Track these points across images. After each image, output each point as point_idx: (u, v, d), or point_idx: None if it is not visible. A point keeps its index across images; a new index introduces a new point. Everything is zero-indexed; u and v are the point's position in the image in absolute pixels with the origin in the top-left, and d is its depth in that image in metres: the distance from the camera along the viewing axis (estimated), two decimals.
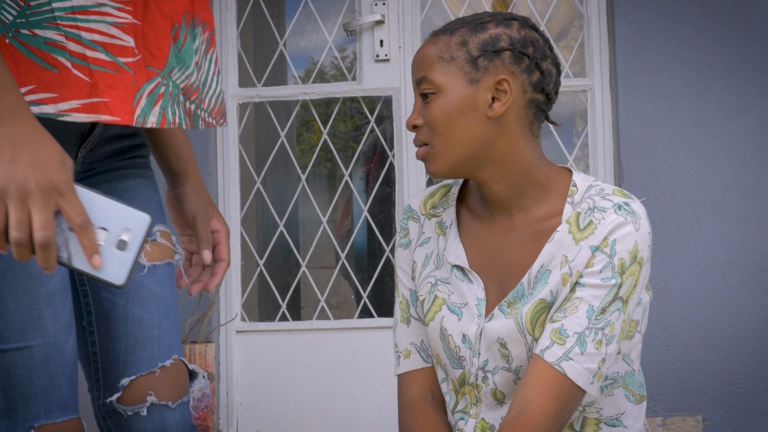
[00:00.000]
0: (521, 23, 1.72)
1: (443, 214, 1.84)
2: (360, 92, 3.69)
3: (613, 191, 1.70)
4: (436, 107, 1.69)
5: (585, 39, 3.65)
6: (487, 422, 1.75)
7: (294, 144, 4.38)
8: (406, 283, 1.87)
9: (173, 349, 1.75)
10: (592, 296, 1.64)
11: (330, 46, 3.81)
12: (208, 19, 1.74)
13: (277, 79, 3.94)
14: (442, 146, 1.70)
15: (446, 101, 1.68)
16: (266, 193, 3.80)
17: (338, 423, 3.57)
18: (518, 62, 1.69)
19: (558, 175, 1.76)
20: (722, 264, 3.46)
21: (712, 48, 3.50)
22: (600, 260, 1.65)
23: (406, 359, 1.85)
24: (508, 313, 1.71)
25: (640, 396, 1.79)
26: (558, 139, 3.70)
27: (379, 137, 3.82)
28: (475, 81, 1.68)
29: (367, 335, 3.60)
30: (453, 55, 1.69)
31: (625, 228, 1.65)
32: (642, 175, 3.50)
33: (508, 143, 1.71)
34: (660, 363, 3.45)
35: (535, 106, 1.72)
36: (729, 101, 3.48)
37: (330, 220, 3.80)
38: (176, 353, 1.76)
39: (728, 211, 3.47)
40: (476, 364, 1.74)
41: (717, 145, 3.49)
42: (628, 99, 3.51)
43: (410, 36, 3.65)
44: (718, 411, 3.44)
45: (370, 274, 3.81)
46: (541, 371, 1.63)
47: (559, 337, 1.64)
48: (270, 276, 3.74)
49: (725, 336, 3.45)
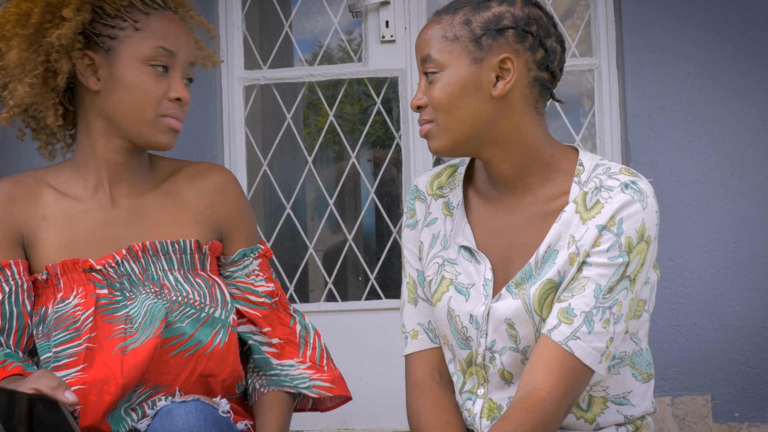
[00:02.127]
0: (524, 1, 1.71)
1: (450, 194, 1.84)
2: (366, 73, 3.68)
3: (620, 170, 1.70)
4: (440, 86, 1.68)
5: (591, 18, 3.63)
6: (494, 402, 1.75)
7: (300, 126, 4.37)
8: (413, 264, 1.87)
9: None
10: (600, 275, 1.64)
11: (336, 28, 3.80)
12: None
13: (283, 61, 3.94)
14: (445, 124, 1.69)
15: (450, 80, 1.68)
16: (273, 176, 3.80)
17: (346, 404, 3.57)
18: (522, 40, 1.68)
19: (564, 154, 1.75)
20: (731, 243, 3.45)
21: (719, 26, 3.47)
22: (607, 239, 1.64)
23: (413, 340, 1.85)
24: (515, 293, 1.70)
25: (647, 375, 1.78)
26: (565, 118, 3.69)
27: (386, 118, 3.81)
28: (479, 60, 1.67)
29: (375, 317, 3.60)
30: (456, 34, 1.68)
31: (632, 207, 1.64)
32: (649, 154, 3.48)
33: (512, 122, 1.70)
34: (668, 342, 3.44)
35: (539, 85, 1.71)
36: (736, 79, 3.47)
37: (337, 202, 3.80)
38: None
39: (736, 190, 3.46)
40: (483, 345, 1.74)
41: (725, 123, 3.47)
42: (635, 78, 3.50)
43: (416, 16, 3.64)
44: (726, 390, 3.44)
45: (377, 256, 3.81)
46: (549, 351, 1.63)
47: (566, 316, 1.64)
48: (277, 258, 3.75)
49: (734, 315, 3.45)
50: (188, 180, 1.92)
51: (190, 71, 1.88)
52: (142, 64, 1.81)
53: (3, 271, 1.80)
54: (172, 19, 1.85)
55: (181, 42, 1.84)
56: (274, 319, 1.93)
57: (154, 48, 1.80)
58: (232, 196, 1.94)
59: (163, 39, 1.82)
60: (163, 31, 1.82)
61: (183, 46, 1.84)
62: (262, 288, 1.92)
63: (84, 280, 1.79)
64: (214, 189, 1.92)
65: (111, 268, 1.79)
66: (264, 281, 1.92)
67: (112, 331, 1.76)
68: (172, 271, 1.82)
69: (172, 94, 1.82)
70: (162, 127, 1.82)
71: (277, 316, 1.93)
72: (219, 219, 1.91)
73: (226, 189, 1.93)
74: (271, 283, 1.93)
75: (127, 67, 1.81)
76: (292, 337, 1.94)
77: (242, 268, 1.92)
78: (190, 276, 1.83)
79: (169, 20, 1.84)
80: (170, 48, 1.82)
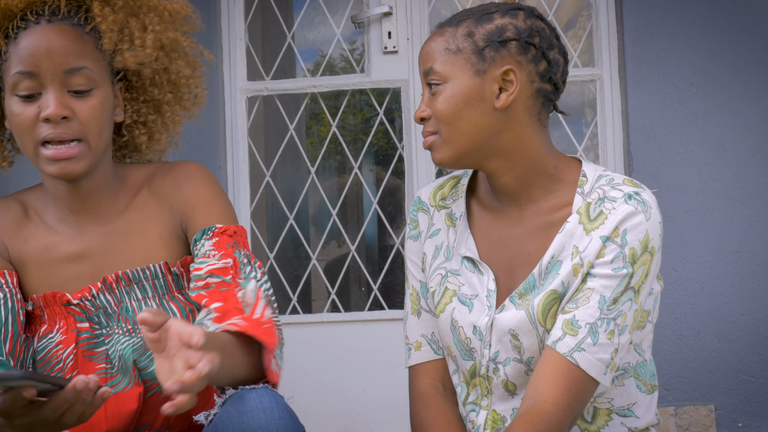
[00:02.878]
0: (527, 13, 1.72)
1: (453, 205, 1.84)
2: (369, 84, 3.69)
3: (623, 181, 1.70)
4: (443, 98, 1.69)
5: (593, 28, 3.64)
6: (498, 413, 1.75)
7: (303, 137, 4.37)
8: (416, 275, 1.87)
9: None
10: (604, 286, 1.64)
11: (338, 39, 3.81)
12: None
13: (285, 72, 3.94)
14: (448, 136, 1.70)
15: (453, 92, 1.68)
16: (276, 187, 3.80)
17: (349, 416, 3.57)
18: (525, 52, 1.68)
19: (567, 165, 1.75)
20: (733, 252, 3.45)
21: (721, 36, 3.48)
22: (611, 250, 1.64)
23: (416, 351, 1.85)
24: (519, 304, 1.70)
25: (651, 386, 1.78)
26: (567, 129, 3.69)
27: (389, 129, 3.81)
28: (482, 72, 1.68)
29: (378, 327, 3.60)
30: (459, 46, 1.69)
31: (635, 218, 1.64)
32: (652, 164, 3.49)
33: (515, 134, 1.70)
34: (672, 352, 3.44)
35: (542, 96, 1.71)
36: (739, 89, 3.47)
37: (340, 213, 3.80)
38: None
39: (739, 200, 3.46)
40: (487, 356, 1.73)
41: (727, 133, 3.47)
42: (637, 88, 3.50)
43: (418, 27, 3.65)
44: (730, 400, 3.43)
45: (380, 266, 3.81)
46: (554, 362, 1.63)
47: (571, 328, 1.63)
48: (280, 269, 3.75)
49: (737, 325, 3.44)
50: (160, 182, 1.81)
51: (73, 81, 1.68)
52: (11, 95, 1.68)
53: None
54: (36, 34, 1.67)
55: (40, 56, 1.66)
56: (219, 297, 1.72)
57: (13, 75, 1.67)
58: (196, 184, 1.81)
59: (20, 63, 1.66)
60: (20, 54, 1.67)
61: (44, 59, 1.66)
62: (206, 269, 1.73)
63: (65, 313, 1.74)
64: (184, 179, 1.81)
65: (88, 301, 1.74)
66: (216, 259, 1.74)
67: (93, 369, 1.71)
68: (147, 299, 1.76)
69: (42, 114, 1.65)
70: (43, 159, 1.68)
71: (223, 294, 1.72)
72: (182, 212, 1.80)
73: (192, 178, 1.81)
74: (226, 258, 1.75)
75: (7, 104, 1.70)
76: (237, 305, 1.72)
77: (196, 253, 1.77)
78: (165, 302, 1.76)
79: (32, 36, 1.67)
80: (28, 69, 1.66)
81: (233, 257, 1.76)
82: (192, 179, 1.81)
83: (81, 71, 1.68)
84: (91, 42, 1.72)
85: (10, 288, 1.74)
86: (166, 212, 1.79)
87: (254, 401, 1.56)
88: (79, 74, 1.68)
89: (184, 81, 1.89)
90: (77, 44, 1.69)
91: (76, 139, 1.67)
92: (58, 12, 1.70)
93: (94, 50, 1.72)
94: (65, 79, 1.66)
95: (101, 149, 1.73)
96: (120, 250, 1.76)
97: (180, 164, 1.84)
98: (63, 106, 1.65)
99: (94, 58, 1.71)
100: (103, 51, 1.73)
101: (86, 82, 1.68)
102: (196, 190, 1.80)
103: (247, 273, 1.76)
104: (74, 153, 1.66)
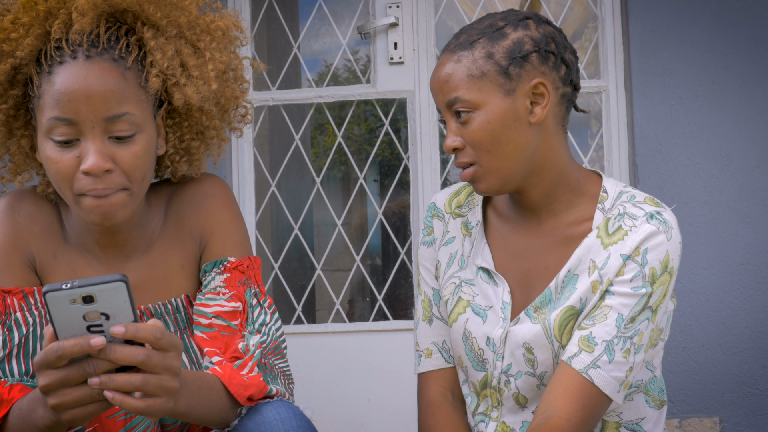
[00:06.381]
0: (536, 21, 1.71)
1: (469, 214, 1.83)
2: (374, 95, 3.69)
3: (645, 199, 1.69)
4: (478, 126, 1.65)
5: (599, 40, 3.64)
6: (507, 426, 1.74)
7: (308, 147, 4.37)
8: (429, 282, 1.86)
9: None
10: (622, 305, 1.63)
11: (344, 49, 3.81)
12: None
13: (291, 82, 3.94)
14: (491, 163, 1.67)
15: (488, 117, 1.65)
16: (281, 197, 3.80)
17: (354, 426, 3.56)
18: (546, 61, 1.68)
19: (587, 178, 1.75)
20: (738, 265, 3.45)
21: (727, 48, 3.48)
22: (631, 269, 1.64)
23: (427, 358, 1.84)
24: (534, 317, 1.70)
25: (660, 401, 1.78)
26: (573, 140, 3.69)
27: (394, 140, 3.82)
28: (512, 91, 1.66)
29: (383, 338, 3.60)
30: (482, 69, 1.66)
31: (657, 237, 1.64)
32: (657, 176, 3.48)
33: (547, 146, 1.69)
34: (676, 364, 3.43)
35: (566, 100, 1.71)
36: (744, 101, 3.47)
37: (344, 223, 3.80)
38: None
39: (744, 212, 3.46)
40: (499, 368, 1.73)
41: (732, 145, 3.47)
42: (643, 100, 3.50)
43: (424, 38, 3.65)
44: (735, 412, 3.43)
45: (385, 277, 3.81)
46: (569, 378, 1.63)
47: (587, 344, 1.63)
48: (285, 279, 3.74)
49: (742, 337, 3.44)
50: (179, 202, 1.72)
51: (114, 127, 1.52)
52: (45, 137, 1.53)
53: (26, 299, 1.61)
54: (73, 73, 1.51)
55: (78, 102, 1.49)
56: (221, 343, 1.65)
57: (48, 120, 1.51)
58: (213, 204, 1.72)
59: (56, 107, 1.50)
60: (56, 96, 1.50)
61: (84, 106, 1.49)
62: (213, 309, 1.66)
63: None
64: (203, 197, 1.72)
65: None
66: (225, 300, 1.66)
67: (113, 411, 1.62)
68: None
69: (81, 168, 1.50)
70: (84, 207, 1.54)
71: (224, 340, 1.65)
72: (201, 235, 1.71)
73: (210, 197, 1.72)
74: (233, 301, 1.67)
75: (40, 143, 1.55)
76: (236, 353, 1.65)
77: (205, 285, 1.69)
78: (186, 336, 1.68)
79: (69, 75, 1.51)
80: (66, 116, 1.50)
81: (243, 300, 1.68)
82: (211, 197, 1.72)
83: (123, 117, 1.51)
84: (134, 79, 1.55)
85: (39, 309, 1.62)
86: (186, 236, 1.70)
87: (271, 413, 1.55)
88: (121, 120, 1.51)
89: (234, 102, 1.75)
90: (119, 86, 1.52)
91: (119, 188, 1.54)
92: (97, 43, 1.53)
93: (137, 90, 1.55)
94: (106, 126, 1.50)
95: (143, 193, 1.61)
96: (143, 284, 1.66)
97: (198, 180, 1.75)
98: (104, 159, 1.50)
99: (138, 99, 1.55)
100: (147, 87, 1.57)
101: (129, 128, 1.52)
102: (215, 212, 1.71)
103: (255, 317, 1.68)
104: (117, 203, 1.53)
